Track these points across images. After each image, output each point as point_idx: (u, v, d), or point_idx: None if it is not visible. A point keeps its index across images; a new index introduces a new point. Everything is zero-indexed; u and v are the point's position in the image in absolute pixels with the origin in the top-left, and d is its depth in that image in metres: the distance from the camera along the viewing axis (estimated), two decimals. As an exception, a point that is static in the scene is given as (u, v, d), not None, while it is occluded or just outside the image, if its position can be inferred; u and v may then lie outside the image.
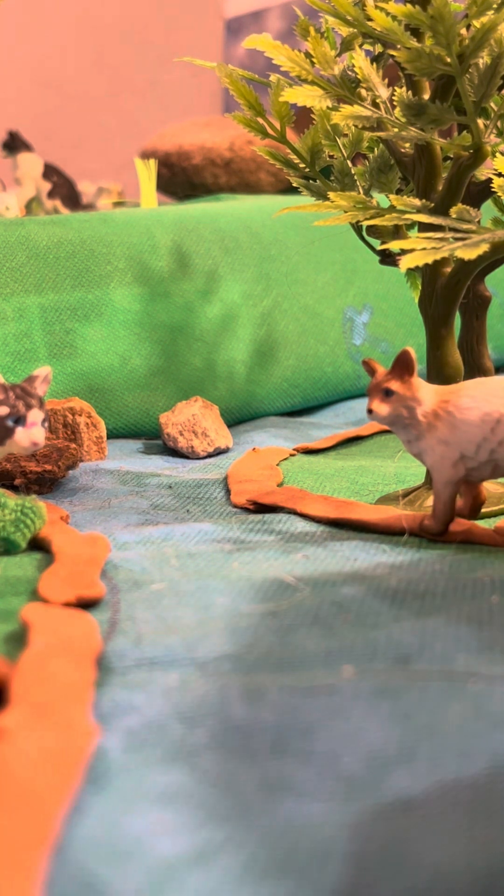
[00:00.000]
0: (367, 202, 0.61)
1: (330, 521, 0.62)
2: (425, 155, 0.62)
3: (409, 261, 0.53)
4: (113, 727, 0.37)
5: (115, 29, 2.28)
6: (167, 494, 0.70)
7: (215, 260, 1.01)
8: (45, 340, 0.89)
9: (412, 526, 0.58)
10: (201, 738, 0.36)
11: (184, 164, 1.47)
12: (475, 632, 0.44)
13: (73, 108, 2.28)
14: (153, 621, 0.46)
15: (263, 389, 1.00)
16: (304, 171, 0.68)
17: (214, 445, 0.84)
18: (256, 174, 1.46)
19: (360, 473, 0.74)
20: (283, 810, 0.32)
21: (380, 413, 0.56)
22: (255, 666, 0.41)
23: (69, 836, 0.31)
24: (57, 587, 0.50)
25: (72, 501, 0.70)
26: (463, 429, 0.55)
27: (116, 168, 2.00)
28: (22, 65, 2.26)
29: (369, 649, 0.42)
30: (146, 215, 1.02)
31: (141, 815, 0.32)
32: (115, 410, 0.91)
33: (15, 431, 0.55)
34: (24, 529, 0.58)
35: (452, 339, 0.63)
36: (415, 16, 0.54)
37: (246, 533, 0.60)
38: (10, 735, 0.35)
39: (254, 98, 0.66)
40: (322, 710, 0.37)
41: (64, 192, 1.45)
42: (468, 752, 0.35)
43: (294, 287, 1.06)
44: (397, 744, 0.35)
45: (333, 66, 0.61)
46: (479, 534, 0.57)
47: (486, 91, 0.57)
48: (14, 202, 1.16)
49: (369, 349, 1.10)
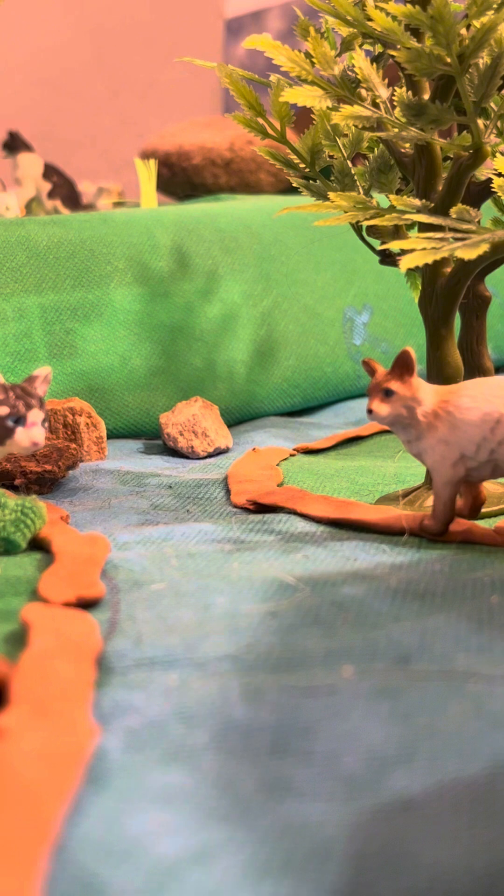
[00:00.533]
0: (367, 202, 0.61)
1: (330, 521, 0.62)
2: (425, 155, 0.62)
3: (408, 261, 0.53)
4: (113, 727, 0.37)
5: (115, 29, 2.28)
6: (167, 494, 0.70)
7: (215, 260, 1.01)
8: (45, 340, 0.89)
9: (412, 526, 0.58)
10: (201, 738, 0.36)
11: (184, 164, 1.47)
12: (475, 632, 0.44)
13: (73, 108, 2.28)
14: (153, 621, 0.46)
15: (263, 389, 1.00)
16: (304, 171, 0.68)
17: (214, 445, 0.84)
18: (256, 174, 1.46)
19: (360, 473, 0.74)
20: (283, 810, 0.32)
21: (380, 413, 0.56)
22: (255, 666, 0.41)
23: (69, 836, 0.31)
24: (57, 587, 0.50)
25: (72, 501, 0.70)
26: (463, 429, 0.55)
27: (116, 168, 2.00)
28: (22, 65, 2.26)
29: (369, 649, 0.42)
30: (146, 215, 1.02)
31: (141, 815, 0.32)
32: (115, 410, 0.91)
33: (15, 431, 0.55)
34: (24, 529, 0.58)
35: (452, 339, 0.63)
36: (415, 16, 0.54)
37: (246, 533, 0.60)
38: (11, 735, 0.35)
39: (254, 98, 0.66)
40: (322, 710, 0.38)
41: (64, 192, 1.45)
42: (468, 752, 0.35)
43: (294, 287, 1.06)
44: (397, 744, 0.35)
45: (333, 67, 0.61)
46: (479, 534, 0.57)
47: (486, 91, 0.57)
48: (14, 202, 1.16)
49: (369, 349, 1.10)
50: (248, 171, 1.46)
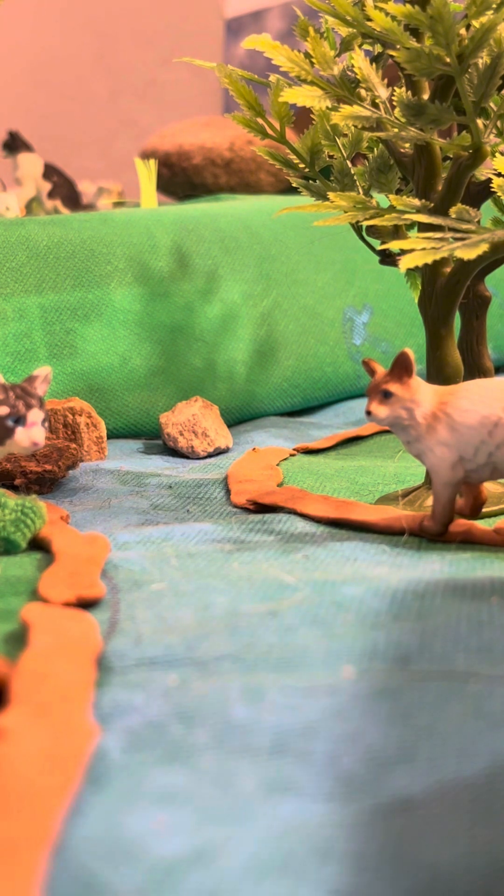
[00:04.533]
0: (367, 202, 0.61)
1: (330, 521, 0.62)
2: (425, 155, 0.62)
3: (408, 261, 0.53)
4: (113, 727, 0.37)
5: (115, 29, 2.28)
6: (167, 494, 0.70)
7: (215, 260, 1.01)
8: (45, 340, 0.89)
9: (412, 526, 0.58)
10: (201, 737, 0.36)
11: (184, 164, 1.47)
12: (475, 632, 0.43)
13: (73, 108, 2.28)
14: (153, 621, 0.46)
15: (263, 389, 1.00)
16: (303, 171, 0.68)
17: (214, 445, 0.84)
18: (256, 174, 1.46)
19: (360, 473, 0.74)
20: (283, 810, 0.32)
21: (378, 415, 0.55)
22: (255, 666, 0.41)
23: (69, 836, 0.31)
24: (57, 587, 0.50)
25: (72, 501, 0.70)
26: (461, 431, 0.55)
27: (116, 168, 2.00)
28: (22, 65, 2.26)
29: (369, 649, 0.42)
30: (146, 215, 1.02)
31: (141, 815, 0.32)
32: (115, 410, 0.91)
33: (15, 431, 0.55)
34: (24, 529, 0.58)
35: (452, 339, 0.63)
36: (414, 16, 0.54)
37: (246, 533, 0.60)
38: (11, 735, 0.35)
39: (253, 98, 0.66)
40: (322, 710, 0.38)
41: (64, 192, 1.44)
42: (468, 752, 0.35)
43: (294, 287, 1.06)
44: (397, 744, 0.35)
45: (333, 67, 0.61)
46: (479, 534, 0.57)
47: (485, 91, 0.57)
48: (14, 202, 1.16)
49: (369, 349, 1.10)
50: (248, 171, 1.46)
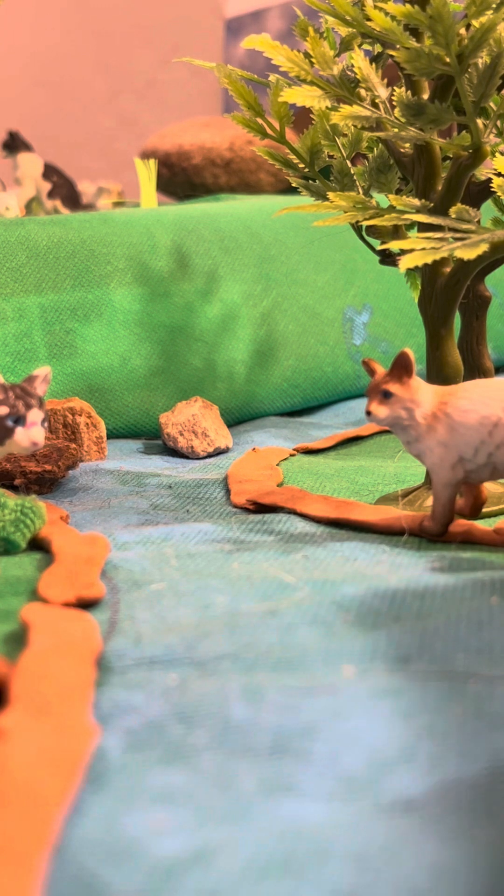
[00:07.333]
0: (367, 202, 0.61)
1: (330, 521, 0.62)
2: (424, 155, 0.62)
3: (408, 261, 0.53)
4: (113, 727, 0.37)
5: (115, 29, 2.27)
6: (167, 494, 0.70)
7: (215, 260, 1.01)
8: (45, 340, 0.89)
9: (412, 526, 0.58)
10: (201, 738, 0.36)
11: (184, 164, 1.47)
12: (475, 632, 0.43)
13: (73, 108, 2.28)
14: (153, 621, 0.46)
15: (263, 389, 1.00)
16: (303, 171, 0.68)
17: (214, 445, 0.84)
18: (256, 174, 1.46)
19: (360, 473, 0.74)
20: (283, 810, 0.32)
21: (378, 415, 0.55)
22: (255, 666, 0.41)
23: (69, 836, 0.31)
24: (57, 587, 0.50)
25: (72, 501, 0.70)
26: (461, 431, 0.55)
27: (116, 168, 2.00)
28: (22, 65, 2.26)
29: (369, 649, 0.42)
30: (146, 215, 1.02)
31: (140, 815, 0.32)
32: (115, 410, 0.91)
33: (15, 431, 0.55)
34: (24, 529, 0.58)
35: (452, 339, 0.63)
36: (414, 16, 0.54)
37: (246, 533, 0.60)
38: (10, 735, 0.35)
39: (253, 98, 0.66)
40: (322, 710, 0.37)
41: (64, 192, 1.44)
42: (468, 752, 0.35)
43: (294, 287, 1.06)
44: (397, 744, 0.35)
45: (332, 67, 0.61)
46: (479, 534, 0.57)
47: (485, 91, 0.57)
48: (14, 202, 1.16)
49: (369, 349, 1.10)
50: (248, 171, 1.46)
